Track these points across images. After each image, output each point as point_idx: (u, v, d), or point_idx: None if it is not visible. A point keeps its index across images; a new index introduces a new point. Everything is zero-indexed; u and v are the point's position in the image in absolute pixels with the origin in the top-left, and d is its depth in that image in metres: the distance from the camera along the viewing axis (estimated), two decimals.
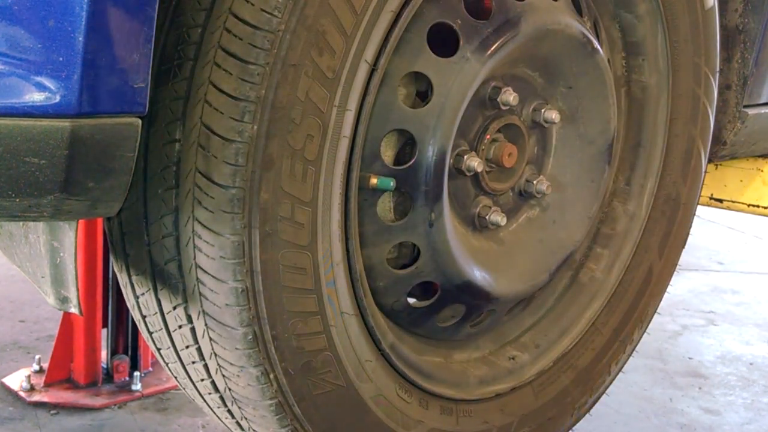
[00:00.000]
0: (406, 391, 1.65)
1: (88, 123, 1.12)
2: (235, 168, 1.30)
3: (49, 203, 1.17)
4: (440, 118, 1.53)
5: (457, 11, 1.56)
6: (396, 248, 1.64)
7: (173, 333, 1.51)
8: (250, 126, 1.29)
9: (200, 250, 1.36)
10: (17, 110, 1.09)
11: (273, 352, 1.42)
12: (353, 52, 1.39)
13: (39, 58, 1.09)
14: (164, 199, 1.37)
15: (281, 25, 1.29)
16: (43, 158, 1.11)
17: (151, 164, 1.37)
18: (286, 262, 1.39)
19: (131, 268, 1.48)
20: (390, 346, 1.62)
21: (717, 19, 1.99)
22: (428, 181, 1.55)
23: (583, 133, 1.86)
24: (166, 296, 1.45)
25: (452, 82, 1.53)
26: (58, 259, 1.40)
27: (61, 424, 2.26)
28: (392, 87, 1.51)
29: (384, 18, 1.42)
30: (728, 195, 2.55)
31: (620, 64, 1.96)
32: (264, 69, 1.28)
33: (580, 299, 2.01)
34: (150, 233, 1.41)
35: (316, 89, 1.35)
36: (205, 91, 1.31)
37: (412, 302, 1.73)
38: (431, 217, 1.57)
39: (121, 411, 2.35)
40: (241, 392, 1.48)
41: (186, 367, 1.56)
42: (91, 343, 2.43)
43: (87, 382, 2.44)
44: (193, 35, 1.32)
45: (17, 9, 1.08)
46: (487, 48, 1.57)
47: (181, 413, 2.34)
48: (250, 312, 1.37)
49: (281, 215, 1.36)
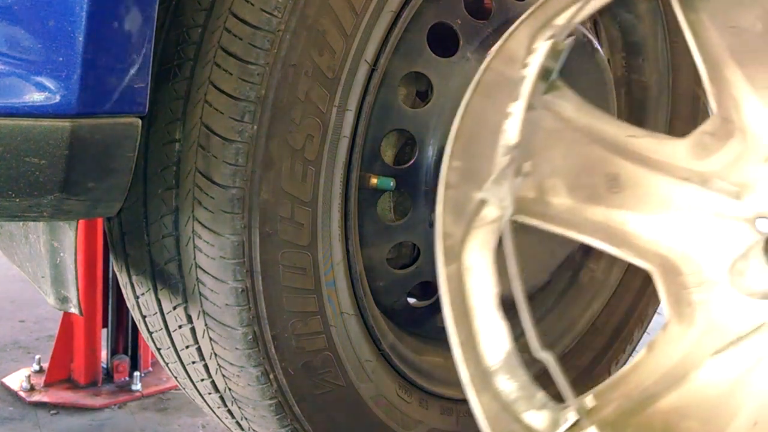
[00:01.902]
0: (406, 391, 1.65)
1: (88, 123, 1.12)
2: (235, 168, 1.30)
3: (49, 203, 1.17)
4: (440, 118, 1.53)
5: (458, 11, 1.56)
6: (396, 248, 1.64)
7: (173, 333, 1.51)
8: (250, 126, 1.29)
9: (200, 250, 1.36)
10: (17, 110, 1.09)
11: (273, 352, 1.42)
12: (353, 52, 1.39)
13: (39, 58, 1.09)
14: (164, 199, 1.37)
15: (281, 25, 1.29)
16: (43, 158, 1.11)
17: (151, 164, 1.37)
18: (286, 262, 1.39)
19: (131, 268, 1.48)
20: (390, 346, 1.62)
21: None
22: (428, 180, 1.55)
23: None
24: (166, 296, 1.45)
25: (452, 82, 1.53)
26: (58, 259, 1.40)
27: (61, 424, 2.26)
28: (392, 87, 1.51)
29: (384, 18, 1.42)
30: None
31: (620, 64, 1.96)
32: (264, 69, 1.28)
33: (580, 299, 2.01)
34: (150, 233, 1.41)
35: (316, 89, 1.35)
36: (205, 91, 1.31)
37: (412, 302, 1.73)
38: (431, 217, 1.57)
39: (121, 411, 2.35)
40: (241, 392, 1.48)
41: (186, 367, 1.56)
42: (91, 343, 2.43)
43: (87, 382, 2.44)
44: (193, 35, 1.32)
45: (17, 9, 1.08)
46: (488, 48, 1.57)
47: (181, 413, 2.34)
48: (250, 312, 1.37)
49: (281, 215, 1.36)
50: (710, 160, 1.13)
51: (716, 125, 1.15)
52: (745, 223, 1.10)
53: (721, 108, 1.17)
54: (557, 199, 1.12)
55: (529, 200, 1.12)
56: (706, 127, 1.15)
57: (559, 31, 1.11)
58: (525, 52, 1.11)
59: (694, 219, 1.13)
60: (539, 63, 1.06)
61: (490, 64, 1.11)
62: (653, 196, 1.13)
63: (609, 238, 1.13)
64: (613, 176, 1.13)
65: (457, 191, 1.10)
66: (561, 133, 1.12)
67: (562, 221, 1.13)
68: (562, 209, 1.13)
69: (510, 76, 1.08)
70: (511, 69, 1.09)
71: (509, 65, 1.11)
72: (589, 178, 1.13)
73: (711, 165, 1.13)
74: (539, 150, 1.12)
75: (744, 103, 1.16)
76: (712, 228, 1.12)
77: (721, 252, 1.10)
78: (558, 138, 1.12)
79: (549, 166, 1.13)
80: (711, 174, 1.12)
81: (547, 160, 1.12)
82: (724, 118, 1.16)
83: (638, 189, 1.13)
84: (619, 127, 1.15)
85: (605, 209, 1.13)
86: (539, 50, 1.07)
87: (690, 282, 1.11)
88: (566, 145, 1.12)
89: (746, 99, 1.16)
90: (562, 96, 1.13)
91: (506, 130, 1.03)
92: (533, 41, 1.12)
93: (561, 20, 1.13)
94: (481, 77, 1.11)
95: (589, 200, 1.13)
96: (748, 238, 1.09)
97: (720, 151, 1.14)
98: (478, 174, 1.07)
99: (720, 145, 1.14)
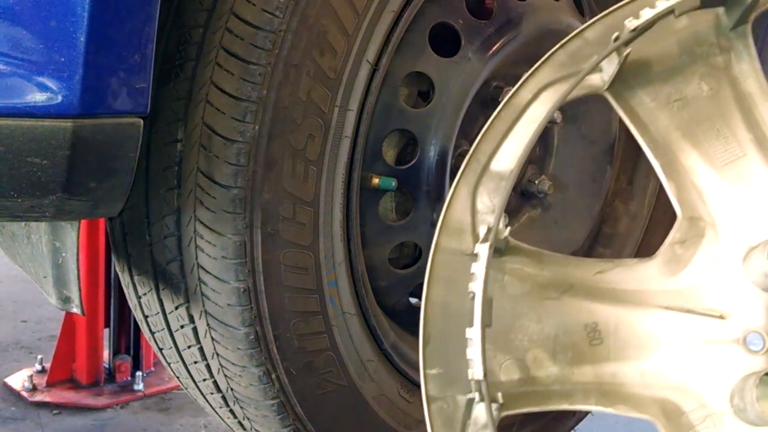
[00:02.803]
0: (408, 390, 1.65)
1: (90, 123, 1.12)
2: (237, 168, 1.30)
3: (51, 203, 1.17)
4: (442, 118, 1.53)
5: (459, 11, 1.56)
6: (398, 248, 1.64)
7: (175, 333, 1.51)
8: (252, 126, 1.29)
9: (202, 250, 1.36)
10: (19, 110, 1.09)
11: (275, 352, 1.42)
12: (355, 52, 1.39)
13: (41, 58, 1.09)
14: (166, 199, 1.37)
15: (283, 26, 1.29)
16: (45, 158, 1.11)
17: (152, 164, 1.37)
18: (288, 262, 1.39)
19: (133, 269, 1.49)
20: (392, 345, 1.62)
21: None
22: (430, 181, 1.55)
23: (584, 133, 1.85)
24: (168, 296, 1.45)
25: (454, 82, 1.53)
26: (60, 259, 1.40)
27: (64, 424, 2.26)
28: (394, 87, 1.51)
29: (385, 18, 1.42)
30: None
31: None
32: (266, 69, 1.29)
33: None
34: (152, 233, 1.41)
35: (318, 89, 1.35)
36: (207, 92, 1.31)
37: (413, 302, 1.73)
38: (433, 217, 1.57)
39: (123, 411, 2.35)
40: (243, 392, 1.48)
41: (188, 367, 1.56)
42: (93, 343, 2.44)
43: (89, 382, 2.44)
44: (195, 35, 1.32)
45: (19, 9, 1.08)
46: (489, 48, 1.57)
47: (183, 413, 2.34)
48: (252, 312, 1.37)
49: (283, 215, 1.36)
50: (684, 273, 1.04)
51: (684, 230, 1.05)
52: (735, 344, 1.01)
53: (684, 207, 1.06)
54: (543, 371, 1.03)
55: (516, 384, 1.03)
56: (674, 237, 1.05)
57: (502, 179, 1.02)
58: (470, 217, 1.03)
59: (682, 351, 1.03)
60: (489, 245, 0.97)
61: (438, 243, 1.02)
62: (636, 337, 1.04)
63: (603, 397, 1.04)
64: (592, 326, 1.04)
65: (443, 402, 1.00)
66: (529, 294, 1.03)
67: (554, 395, 1.04)
68: (551, 381, 1.04)
69: (462, 251, 1.00)
70: (461, 243, 1.01)
71: (458, 238, 1.02)
72: (568, 337, 1.03)
73: (686, 280, 1.04)
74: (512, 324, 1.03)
75: (708, 191, 1.05)
76: (704, 357, 1.02)
77: (719, 379, 1.02)
78: (527, 301, 1.03)
79: (525, 337, 1.03)
80: (688, 291, 1.03)
81: (522, 331, 1.03)
82: (690, 217, 1.05)
83: (620, 333, 1.04)
84: (585, 267, 1.06)
85: (593, 367, 1.04)
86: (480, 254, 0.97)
87: (695, 419, 1.02)
88: (537, 307, 1.03)
89: (710, 184, 1.05)
90: (519, 253, 1.05)
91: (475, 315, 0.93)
92: (475, 200, 1.04)
93: (497, 165, 1.03)
94: (433, 260, 1.02)
95: (575, 362, 1.04)
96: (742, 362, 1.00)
97: (693, 259, 1.04)
98: (459, 375, 0.98)
99: (692, 253, 1.04)
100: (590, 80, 1.06)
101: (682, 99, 1.07)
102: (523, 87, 1.05)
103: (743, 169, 1.05)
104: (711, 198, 1.05)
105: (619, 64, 1.03)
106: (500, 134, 1.03)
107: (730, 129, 1.06)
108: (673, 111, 1.07)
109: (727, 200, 1.04)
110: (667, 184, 1.06)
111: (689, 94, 1.07)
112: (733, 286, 1.01)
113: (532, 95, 1.04)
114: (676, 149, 1.06)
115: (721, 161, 1.06)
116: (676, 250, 1.05)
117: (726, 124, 1.06)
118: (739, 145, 1.06)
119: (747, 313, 1.00)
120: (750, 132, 1.06)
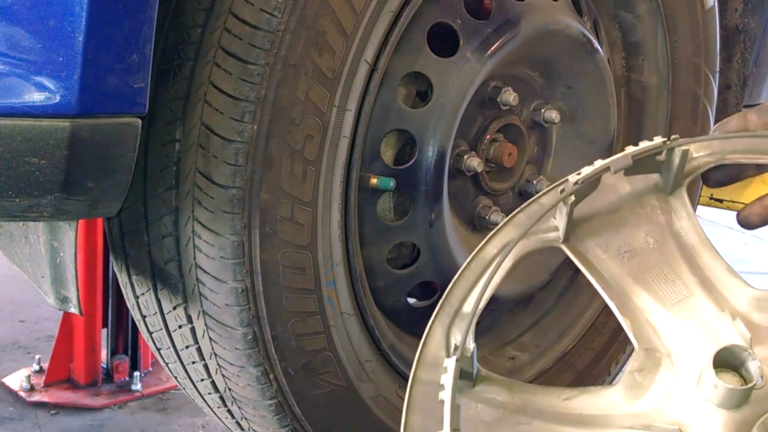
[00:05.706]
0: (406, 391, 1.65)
1: (88, 123, 1.12)
2: (235, 168, 1.30)
3: (49, 203, 1.17)
4: (440, 118, 1.53)
5: (457, 11, 1.56)
6: (396, 248, 1.64)
7: (173, 333, 1.51)
8: (250, 126, 1.29)
9: (200, 250, 1.36)
10: (17, 110, 1.09)
11: (273, 352, 1.42)
12: (353, 52, 1.39)
13: (39, 58, 1.09)
14: (164, 199, 1.37)
15: (281, 25, 1.29)
16: (43, 158, 1.11)
17: (150, 164, 1.37)
18: (286, 262, 1.39)
19: (131, 268, 1.48)
20: (390, 346, 1.62)
21: (717, 19, 1.99)
22: (428, 181, 1.55)
23: (583, 133, 1.86)
24: (166, 296, 1.45)
25: (452, 82, 1.53)
26: (58, 259, 1.40)
27: (61, 424, 2.26)
28: (392, 87, 1.51)
29: (384, 18, 1.42)
30: (728, 195, 2.54)
31: (620, 64, 1.96)
32: (264, 69, 1.28)
33: (580, 299, 2.01)
34: (150, 233, 1.41)
35: (316, 89, 1.35)
36: (205, 91, 1.31)
37: (412, 302, 1.72)
38: (431, 217, 1.57)
39: (121, 411, 2.35)
40: (241, 392, 1.48)
41: (186, 367, 1.56)
42: (91, 343, 2.43)
43: (87, 382, 2.44)
44: (193, 35, 1.32)
45: (17, 9, 1.08)
46: (487, 48, 1.57)
47: (181, 413, 2.34)
48: (250, 312, 1.37)
49: (281, 215, 1.36)
50: (645, 398, 1.11)
51: (641, 359, 1.13)
52: None
53: (640, 340, 1.15)
54: None
55: None
56: (633, 366, 1.13)
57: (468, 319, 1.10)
58: (445, 353, 1.11)
59: None
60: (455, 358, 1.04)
61: (415, 375, 1.10)
62: None
63: None
64: None
65: None
66: (501, 421, 1.09)
67: None
68: None
69: (438, 382, 1.05)
70: (437, 374, 1.08)
71: (434, 371, 1.09)
72: None
73: (647, 403, 1.10)
74: None
75: (661, 326, 1.15)
76: None
77: None
78: (500, 427, 1.09)
79: None
80: (650, 413, 1.09)
81: None
82: (647, 349, 1.14)
83: None
84: (552, 394, 1.13)
85: None
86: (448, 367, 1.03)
87: None
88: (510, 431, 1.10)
89: (662, 321, 1.15)
90: (490, 382, 1.12)
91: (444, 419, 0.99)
92: (449, 338, 1.12)
93: (468, 307, 1.13)
94: (411, 391, 1.09)
95: None
96: None
97: (652, 385, 1.11)
98: None
99: (651, 380, 1.12)
100: (548, 236, 1.18)
101: (631, 251, 1.20)
102: (489, 243, 1.17)
103: (691, 306, 1.16)
104: (664, 332, 1.15)
105: (568, 214, 1.16)
106: (470, 283, 1.15)
107: (677, 274, 1.18)
108: (624, 260, 1.19)
109: (679, 333, 1.14)
110: (623, 321, 1.17)
111: (637, 247, 1.20)
112: (691, 405, 1.08)
113: (497, 250, 1.16)
114: (629, 292, 1.17)
115: (671, 300, 1.16)
116: (636, 378, 1.13)
117: (673, 270, 1.18)
118: (686, 287, 1.17)
119: (704, 428, 1.06)
120: (695, 276, 1.18)
